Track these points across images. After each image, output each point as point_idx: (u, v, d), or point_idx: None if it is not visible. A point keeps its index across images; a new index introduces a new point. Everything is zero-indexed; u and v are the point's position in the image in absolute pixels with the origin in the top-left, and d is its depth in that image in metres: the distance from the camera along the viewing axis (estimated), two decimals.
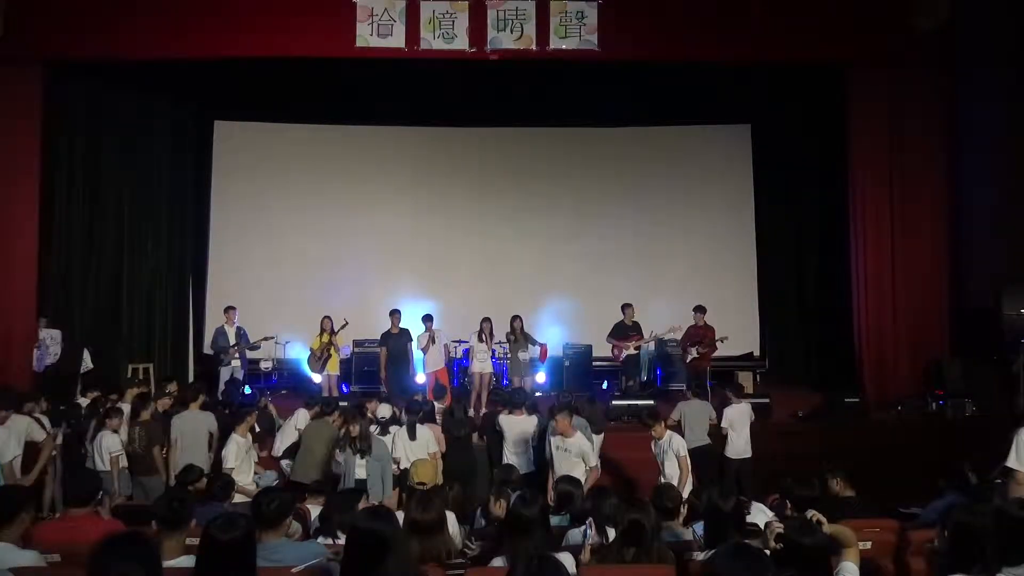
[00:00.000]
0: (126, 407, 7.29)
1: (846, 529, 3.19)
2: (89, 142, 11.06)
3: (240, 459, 6.59)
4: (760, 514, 4.65)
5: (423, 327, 10.31)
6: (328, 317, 10.46)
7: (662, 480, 6.44)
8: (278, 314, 11.92)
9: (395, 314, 10.50)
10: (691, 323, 10.33)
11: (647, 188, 12.96)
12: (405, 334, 10.44)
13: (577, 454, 6.44)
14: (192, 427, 6.94)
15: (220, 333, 10.41)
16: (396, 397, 8.79)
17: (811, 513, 3.20)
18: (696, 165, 13.00)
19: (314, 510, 5.21)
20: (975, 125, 10.01)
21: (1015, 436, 4.87)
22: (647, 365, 11.39)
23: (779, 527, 3.07)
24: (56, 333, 9.98)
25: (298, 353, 11.45)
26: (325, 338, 10.33)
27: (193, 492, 5.45)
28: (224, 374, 10.18)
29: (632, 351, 10.48)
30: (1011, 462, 4.84)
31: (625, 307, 10.64)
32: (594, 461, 6.81)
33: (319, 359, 10.30)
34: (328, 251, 12.69)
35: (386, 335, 10.48)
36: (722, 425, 7.69)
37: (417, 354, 10.47)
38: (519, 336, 10.20)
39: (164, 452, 6.98)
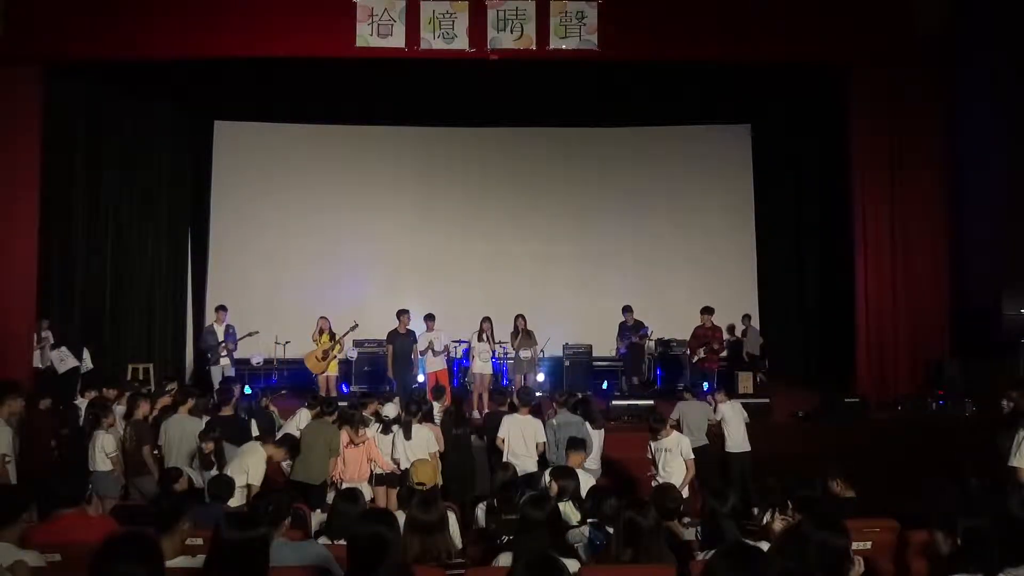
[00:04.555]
0: (122, 408, 7.28)
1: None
2: (89, 142, 11.04)
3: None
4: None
5: (424, 326, 10.24)
6: (325, 317, 10.39)
7: (660, 480, 6.45)
8: (277, 314, 11.90)
9: (403, 314, 10.17)
10: (697, 324, 10.37)
11: (647, 188, 12.97)
12: (411, 335, 10.20)
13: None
14: (179, 431, 6.91)
15: (208, 332, 10.42)
16: (403, 396, 8.74)
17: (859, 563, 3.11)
18: (696, 165, 13.00)
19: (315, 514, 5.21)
20: (975, 125, 10.01)
21: (1016, 435, 4.87)
22: (649, 364, 11.42)
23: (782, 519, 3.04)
24: (64, 351, 9.85)
25: (298, 353, 11.40)
26: (326, 338, 10.28)
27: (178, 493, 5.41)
28: (215, 373, 10.12)
29: (636, 340, 10.67)
30: (1014, 461, 4.84)
31: (625, 309, 10.90)
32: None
33: (323, 360, 10.23)
34: (328, 251, 12.69)
35: (393, 334, 10.20)
36: (717, 419, 7.89)
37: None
38: (522, 334, 10.22)
39: (155, 452, 6.97)
